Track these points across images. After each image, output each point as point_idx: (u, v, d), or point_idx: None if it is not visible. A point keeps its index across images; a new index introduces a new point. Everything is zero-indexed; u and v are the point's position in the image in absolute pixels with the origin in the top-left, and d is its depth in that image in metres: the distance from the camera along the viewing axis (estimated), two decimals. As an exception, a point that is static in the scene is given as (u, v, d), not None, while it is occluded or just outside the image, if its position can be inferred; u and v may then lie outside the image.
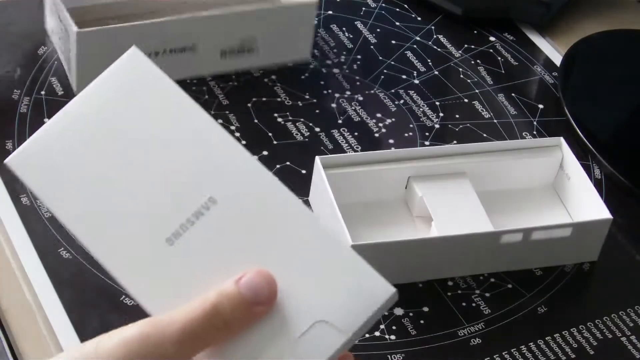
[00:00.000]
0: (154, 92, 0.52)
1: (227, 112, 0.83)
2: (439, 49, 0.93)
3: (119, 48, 0.79)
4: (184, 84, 0.84)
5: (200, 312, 0.47)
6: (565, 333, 0.72)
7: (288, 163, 0.80)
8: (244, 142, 0.81)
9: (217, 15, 0.84)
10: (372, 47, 0.92)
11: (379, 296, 0.49)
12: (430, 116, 0.86)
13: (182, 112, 0.51)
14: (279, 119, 0.84)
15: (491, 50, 0.94)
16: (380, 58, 0.91)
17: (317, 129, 0.83)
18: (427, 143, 0.84)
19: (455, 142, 0.84)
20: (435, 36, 0.94)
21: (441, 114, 0.87)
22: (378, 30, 0.94)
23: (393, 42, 0.93)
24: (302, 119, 0.84)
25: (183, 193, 0.50)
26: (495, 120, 0.87)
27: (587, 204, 0.76)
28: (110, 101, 0.52)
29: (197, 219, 0.50)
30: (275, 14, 0.86)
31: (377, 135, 0.84)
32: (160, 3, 0.87)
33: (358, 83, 0.88)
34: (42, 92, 0.83)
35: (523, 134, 0.86)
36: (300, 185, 0.78)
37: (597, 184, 0.83)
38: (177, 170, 0.50)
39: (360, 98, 0.87)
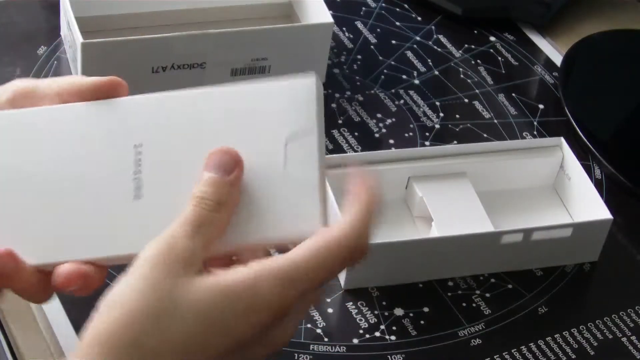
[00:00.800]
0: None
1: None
2: (439, 49, 0.93)
3: (124, 60, 0.80)
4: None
5: (192, 206, 0.50)
6: (566, 333, 0.72)
7: (288, 163, 0.80)
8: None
9: (229, 32, 0.81)
10: (372, 47, 0.92)
11: (309, 89, 0.53)
12: (430, 116, 0.86)
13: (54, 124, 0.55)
14: (279, 119, 0.83)
15: (491, 50, 0.94)
16: (380, 58, 0.91)
17: (317, 129, 0.83)
18: (427, 143, 0.84)
19: (455, 142, 0.84)
20: (435, 36, 0.94)
21: (441, 114, 0.87)
22: (378, 30, 0.94)
23: (393, 42, 0.93)
24: (302, 119, 0.84)
25: (114, 159, 0.53)
26: (495, 121, 0.87)
27: (587, 204, 0.76)
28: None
29: (140, 165, 0.53)
30: (290, 33, 0.83)
31: (377, 135, 0.84)
32: (172, 18, 0.87)
33: (358, 83, 0.88)
34: (42, 92, 0.82)
35: (523, 134, 0.86)
36: (300, 186, 0.78)
37: (598, 184, 0.83)
38: (95, 148, 0.54)
39: (360, 98, 0.87)
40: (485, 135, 0.85)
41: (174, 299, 0.48)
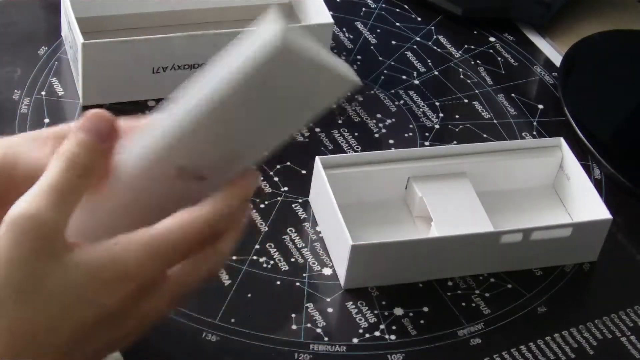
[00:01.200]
0: None
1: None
2: (439, 49, 0.93)
3: (125, 61, 0.80)
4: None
5: (57, 169, 0.48)
6: (565, 333, 0.72)
7: (288, 163, 0.80)
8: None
9: (229, 33, 0.80)
10: (372, 47, 0.92)
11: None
12: (430, 116, 0.86)
13: None
14: (279, 119, 0.84)
15: (491, 51, 0.94)
16: (380, 58, 0.91)
17: (317, 129, 0.83)
18: (427, 143, 0.84)
19: (455, 142, 0.84)
20: (435, 36, 0.94)
21: (441, 114, 0.87)
22: (378, 30, 0.94)
23: (393, 42, 0.93)
24: (302, 119, 0.84)
25: None
26: (495, 121, 0.87)
27: (587, 204, 0.76)
28: None
29: None
30: None
31: (377, 135, 0.84)
32: (173, 18, 0.87)
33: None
34: (43, 93, 0.83)
35: (523, 134, 0.86)
36: (300, 185, 0.78)
37: (597, 184, 0.83)
38: None
39: (360, 98, 0.87)
40: (484, 135, 0.85)
41: (37, 280, 0.47)
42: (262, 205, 0.76)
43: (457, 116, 0.87)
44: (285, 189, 0.78)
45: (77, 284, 0.48)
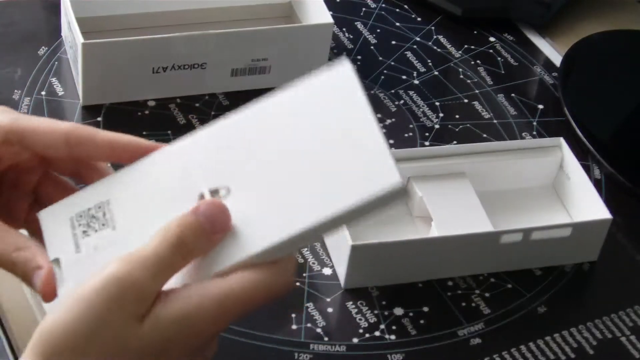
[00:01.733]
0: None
1: (228, 112, 0.83)
2: (438, 49, 0.93)
3: (125, 61, 0.80)
4: (194, 98, 0.84)
5: (167, 245, 0.50)
6: (565, 333, 0.72)
7: (288, 163, 0.80)
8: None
9: (229, 33, 0.81)
10: (372, 47, 0.92)
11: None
12: (430, 116, 0.86)
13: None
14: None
15: (491, 51, 0.94)
16: (380, 58, 0.91)
17: (317, 129, 0.83)
18: (427, 143, 0.84)
19: (455, 142, 0.84)
20: (435, 36, 0.94)
21: (441, 114, 0.87)
22: (378, 30, 0.94)
23: (393, 42, 0.93)
24: (302, 119, 0.84)
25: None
26: (495, 121, 0.87)
27: (587, 204, 0.76)
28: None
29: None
30: (290, 34, 0.83)
31: (377, 135, 0.84)
32: (173, 18, 0.87)
33: (358, 83, 0.88)
34: (43, 93, 0.83)
35: (523, 134, 0.86)
36: (300, 186, 0.78)
37: (597, 184, 0.83)
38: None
39: (360, 98, 0.87)
40: (484, 135, 0.85)
41: (122, 339, 0.49)
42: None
43: (457, 116, 0.87)
44: (285, 189, 0.78)
45: (157, 345, 0.50)
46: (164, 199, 0.54)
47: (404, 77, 0.90)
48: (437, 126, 0.86)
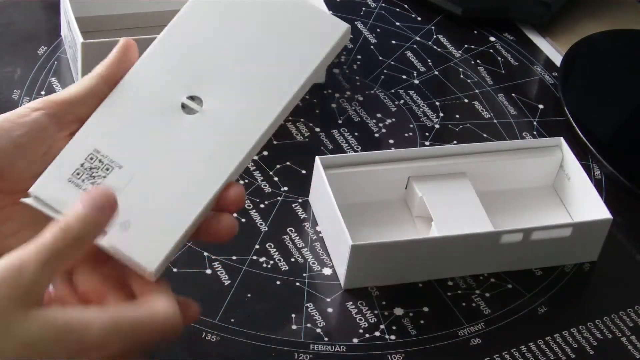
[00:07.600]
0: None
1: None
2: (439, 49, 0.93)
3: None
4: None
5: (52, 237, 0.50)
6: (565, 333, 0.72)
7: (288, 163, 0.80)
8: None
9: None
10: (372, 47, 0.92)
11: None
12: (430, 116, 0.86)
13: None
14: (279, 119, 0.84)
15: (491, 50, 0.94)
16: (380, 58, 0.91)
17: (317, 129, 0.83)
18: (427, 143, 0.84)
19: (455, 142, 0.84)
20: (435, 36, 0.94)
21: (441, 114, 0.87)
22: (378, 30, 0.94)
23: (393, 42, 0.93)
24: (302, 119, 0.84)
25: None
26: (495, 120, 0.87)
27: (587, 204, 0.76)
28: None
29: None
30: None
31: (377, 135, 0.84)
32: (173, 18, 0.87)
33: (358, 83, 0.88)
34: (42, 92, 0.83)
35: (523, 134, 0.86)
36: (300, 185, 0.78)
37: (597, 184, 0.83)
38: None
39: (360, 98, 0.87)
40: (485, 135, 0.85)
41: (6, 329, 0.49)
42: (262, 205, 0.76)
43: (457, 116, 0.87)
44: (285, 188, 0.78)
45: (40, 345, 0.49)
46: (150, 118, 0.56)
47: (404, 76, 0.90)
48: (437, 126, 0.86)
